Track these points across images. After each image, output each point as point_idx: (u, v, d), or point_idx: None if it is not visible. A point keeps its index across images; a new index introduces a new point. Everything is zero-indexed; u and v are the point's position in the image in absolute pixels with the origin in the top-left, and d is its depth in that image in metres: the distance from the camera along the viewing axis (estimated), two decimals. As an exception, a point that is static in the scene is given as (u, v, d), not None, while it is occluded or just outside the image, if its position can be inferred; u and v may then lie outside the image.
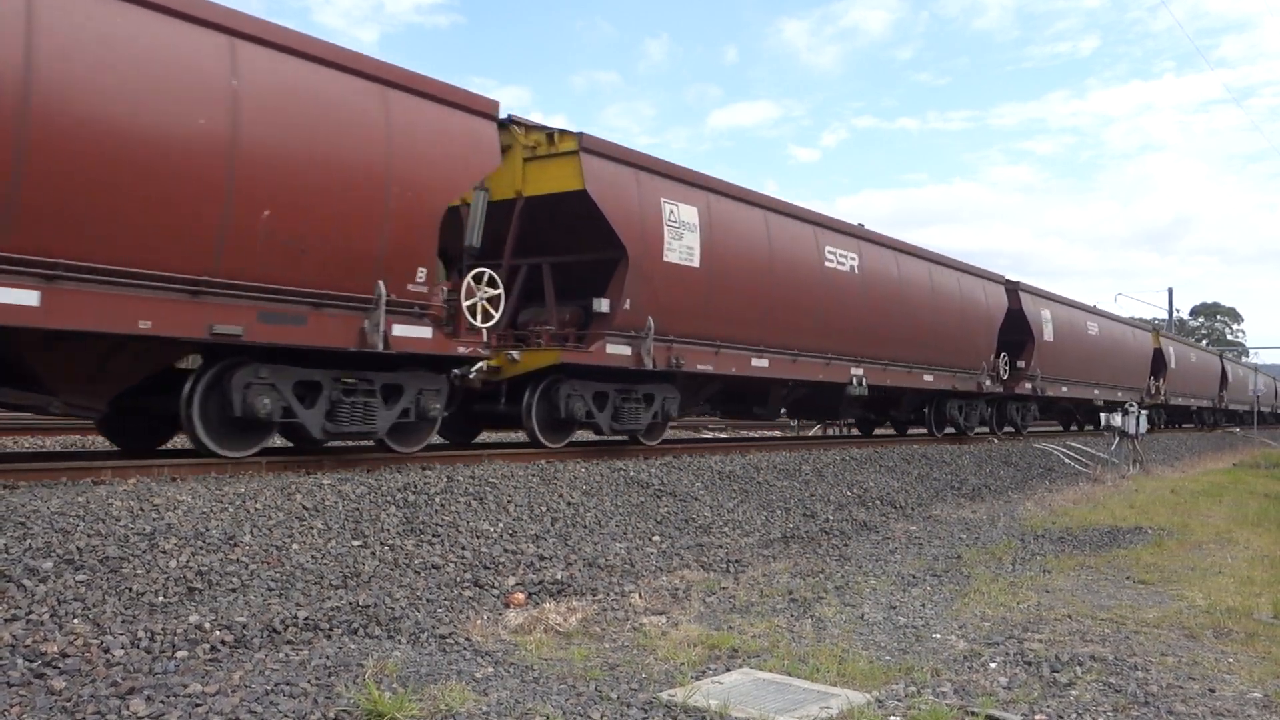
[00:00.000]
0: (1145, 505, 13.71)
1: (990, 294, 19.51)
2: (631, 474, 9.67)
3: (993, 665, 5.24)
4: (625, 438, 11.64)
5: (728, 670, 5.05)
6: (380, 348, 8.05)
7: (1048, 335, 21.35)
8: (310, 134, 7.54)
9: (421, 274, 8.48)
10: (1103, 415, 21.24)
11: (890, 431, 19.88)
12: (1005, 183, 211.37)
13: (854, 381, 14.81)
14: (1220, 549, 9.74)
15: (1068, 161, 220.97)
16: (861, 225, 15.72)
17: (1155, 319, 56.47)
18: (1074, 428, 28.12)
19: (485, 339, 9.17)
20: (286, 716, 4.02)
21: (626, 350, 10.63)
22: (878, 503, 11.88)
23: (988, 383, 18.94)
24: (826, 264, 14.04)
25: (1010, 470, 16.71)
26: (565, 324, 10.83)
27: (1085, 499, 14.62)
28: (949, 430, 18.91)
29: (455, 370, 9.37)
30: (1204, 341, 74.33)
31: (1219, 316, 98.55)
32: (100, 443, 13.07)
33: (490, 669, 4.90)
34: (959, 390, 18.18)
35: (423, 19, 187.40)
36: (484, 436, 14.63)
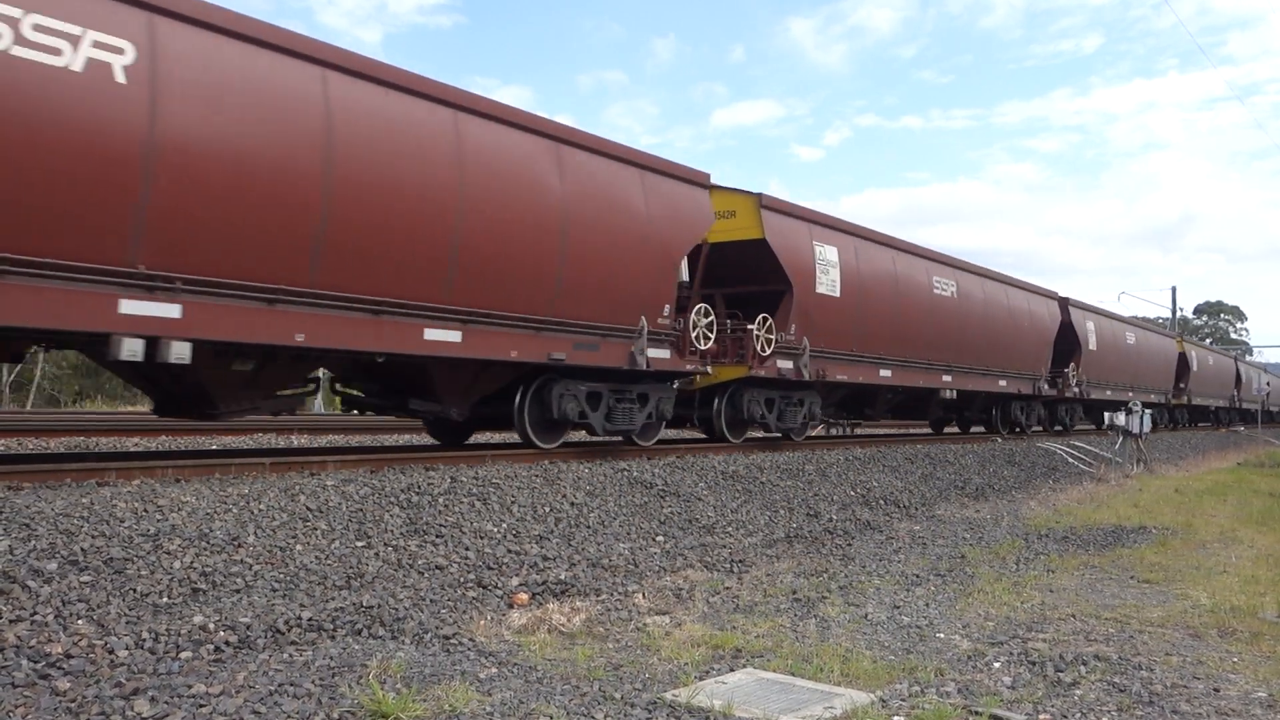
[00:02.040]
0: (1149, 504, 13.69)
1: (1047, 309, 22.32)
2: (635, 474, 9.67)
3: (997, 665, 5.23)
4: (780, 435, 14.35)
5: (731, 670, 5.05)
6: (644, 367, 10.69)
7: (1092, 344, 24.06)
8: (603, 210, 10.22)
9: (666, 309, 11.19)
10: (1106, 414, 21.33)
11: (954, 430, 22.20)
12: (1009, 181, 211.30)
13: (946, 388, 17.70)
14: (1225, 548, 9.72)
15: (1071, 160, 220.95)
16: (958, 259, 18.69)
17: (1159, 318, 56.43)
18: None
19: (701, 357, 11.71)
20: (290, 717, 4.02)
21: (790, 365, 13.26)
22: (881, 502, 11.87)
23: (1045, 387, 21.72)
24: (935, 291, 16.99)
25: (1014, 470, 16.69)
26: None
27: (1089, 498, 14.60)
28: (1014, 429, 21.60)
29: (675, 382, 11.92)
30: (1208, 340, 74.17)
31: (1223, 315, 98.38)
32: (103, 444, 13.10)
33: (494, 669, 4.90)
34: (1021, 394, 20.91)
35: (425, 19, 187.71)
36: (486, 437, 14.65)
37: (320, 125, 7.65)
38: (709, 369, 11.92)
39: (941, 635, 5.91)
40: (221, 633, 4.88)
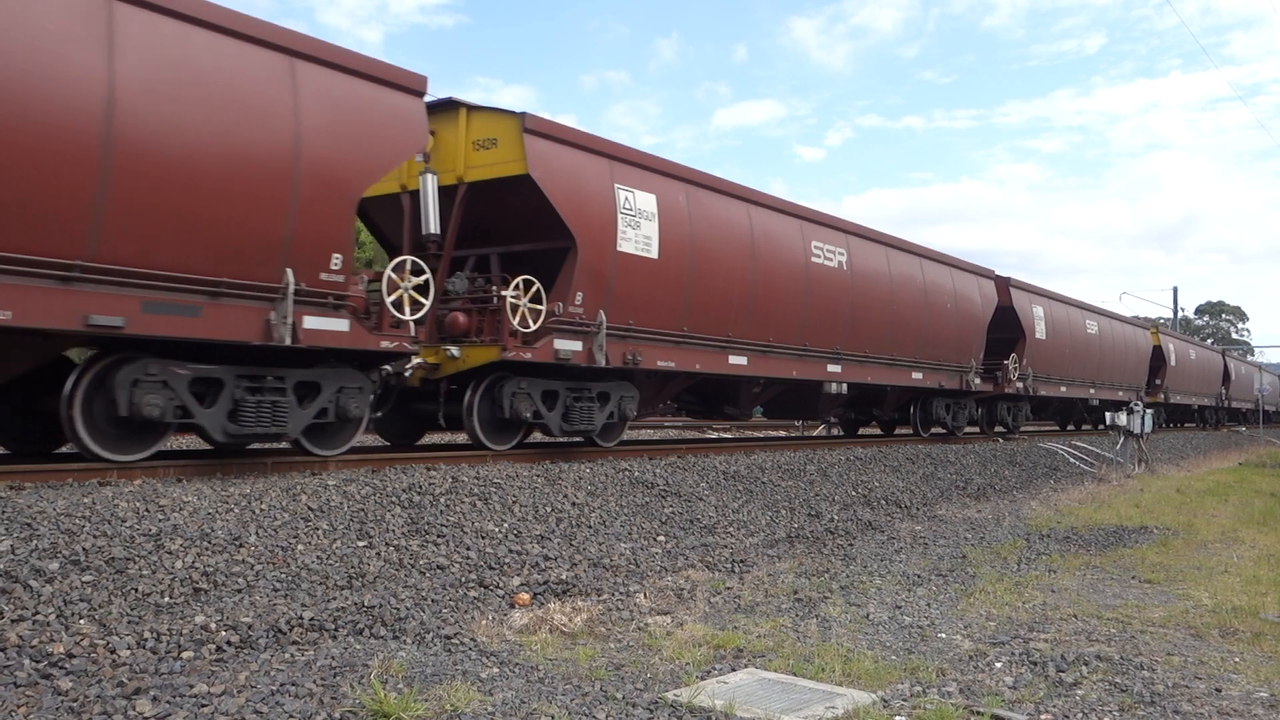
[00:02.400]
0: (1151, 504, 13.69)
1: (981, 289, 18.94)
2: (636, 474, 9.67)
3: (998, 665, 5.23)
4: (580, 439, 10.98)
5: (733, 670, 5.05)
6: (287, 341, 7.47)
7: (1040, 333, 20.84)
8: (210, 107, 6.99)
9: (337, 261, 7.83)
10: (1108, 414, 21.15)
11: (876, 432, 19.57)
12: (1012, 181, 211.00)
13: (833, 380, 14.37)
14: (1226, 548, 9.71)
15: (1074, 160, 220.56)
16: (851, 223, 15.37)
17: (1161, 318, 56.39)
18: (1071, 427, 27.95)
19: (413, 333, 8.57)
20: (292, 717, 4.03)
21: (576, 346, 9.98)
22: (883, 502, 11.86)
23: (976, 381, 18.41)
24: (814, 259, 13.65)
25: (1015, 470, 16.68)
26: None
27: (1091, 498, 14.60)
28: (936, 430, 18.60)
29: (385, 367, 8.85)
30: (1210, 340, 74.15)
31: (1224, 315, 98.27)
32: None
33: (495, 669, 4.90)
34: (945, 388, 17.72)
35: (427, 19, 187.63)
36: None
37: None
38: (414, 347, 8.66)
39: (943, 635, 5.91)
40: (223, 632, 4.88)
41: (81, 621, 4.71)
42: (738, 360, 12.20)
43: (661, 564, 7.69)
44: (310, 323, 7.66)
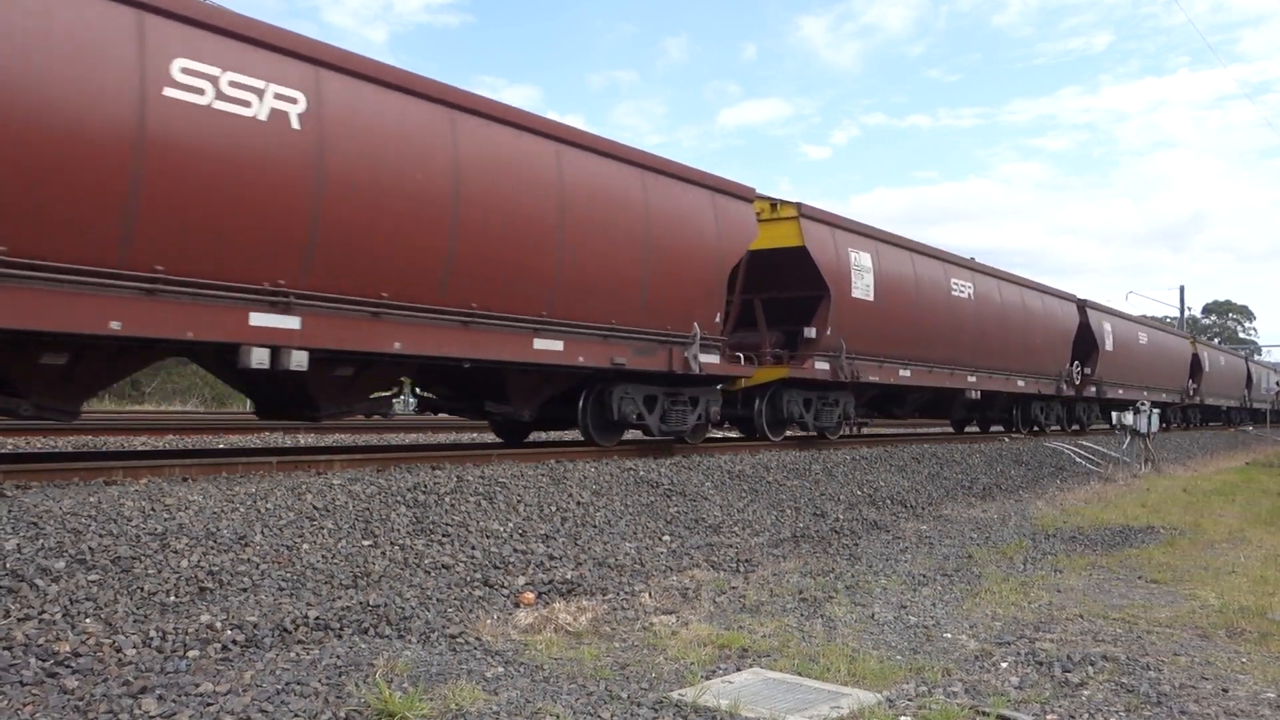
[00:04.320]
0: (1157, 504, 13.65)
1: (1065, 311, 22.77)
2: (641, 474, 9.67)
3: (1004, 665, 5.22)
4: (816, 434, 14.80)
5: (738, 670, 5.05)
6: (698, 371, 11.28)
7: (1109, 345, 24.49)
8: (678, 230, 11.11)
9: (718, 317, 11.80)
10: (1114, 414, 21.26)
11: (975, 430, 22.38)
12: (1018, 180, 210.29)
13: (970, 388, 18.13)
14: (1233, 548, 9.68)
15: (1080, 158, 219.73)
16: (974, 259, 18.89)
17: (1167, 317, 56.25)
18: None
19: (743, 362, 12.37)
20: (298, 716, 4.03)
21: (827, 366, 13.68)
22: (888, 502, 11.85)
23: (1065, 387, 22.14)
24: (952, 293, 17.18)
25: (1021, 469, 16.65)
26: (774, 346, 13.51)
27: (1097, 498, 14.56)
28: (1033, 429, 22.14)
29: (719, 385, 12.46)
30: (1216, 339, 73.95)
31: (1231, 314, 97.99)
32: (111, 443, 13.14)
33: (500, 668, 4.90)
34: (1042, 394, 21.42)
35: (432, 18, 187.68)
36: (484, 437, 14.64)
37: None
38: (751, 370, 12.50)
39: (948, 635, 5.89)
40: (229, 631, 4.89)
41: (87, 620, 4.72)
42: (905, 373, 15.88)
43: (666, 563, 7.68)
44: (704, 358, 11.53)
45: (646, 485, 9.43)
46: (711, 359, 11.56)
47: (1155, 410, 20.74)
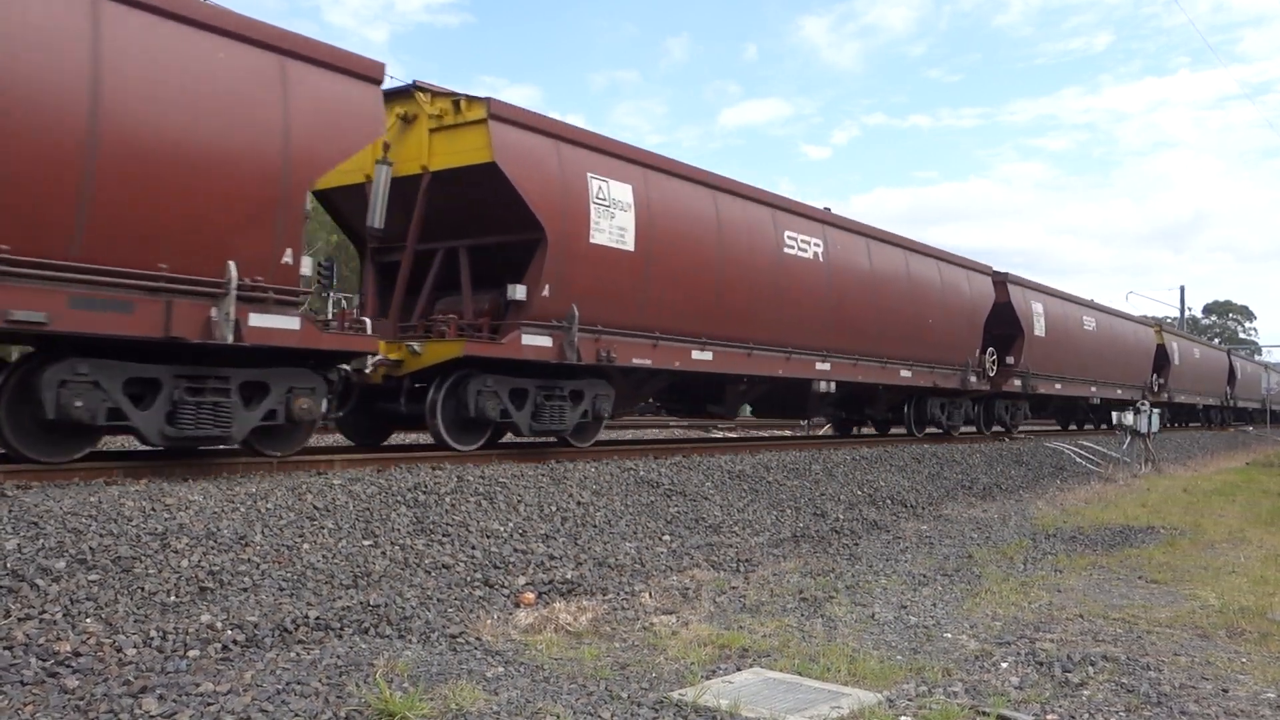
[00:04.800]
0: (1157, 504, 13.65)
1: (975, 285, 18.54)
2: (641, 473, 9.67)
3: (1004, 665, 5.22)
4: (553, 439, 10.74)
5: (738, 670, 5.05)
6: (228, 339, 7.08)
7: (1039, 330, 20.51)
8: (173, 100, 6.78)
9: (287, 256, 7.52)
10: (1114, 414, 21.04)
11: (871, 431, 19.35)
12: (1018, 180, 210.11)
13: (820, 378, 13.92)
14: (1233, 548, 9.68)
15: (1081, 158, 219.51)
16: (828, 209, 14.70)
17: (1168, 317, 56.22)
18: (1073, 427, 27.82)
19: (369, 330, 8.50)
20: (298, 716, 4.03)
21: (547, 341, 9.63)
22: (888, 502, 11.85)
23: (973, 379, 17.97)
24: (786, 249, 13.04)
25: (1021, 469, 16.65)
26: (483, 313, 9.77)
27: (1097, 498, 14.56)
28: (931, 430, 18.24)
29: (344, 366, 8.45)
30: (1216, 340, 73.91)
31: (1231, 315, 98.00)
32: (111, 443, 13.11)
33: (501, 668, 4.90)
34: (940, 387, 17.30)
35: (432, 18, 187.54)
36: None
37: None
38: (374, 349, 8.46)
39: (949, 635, 5.89)
40: (229, 631, 4.89)
41: (88, 620, 4.72)
42: (700, 355, 11.71)
43: (666, 563, 7.68)
44: (259, 320, 7.54)
45: (647, 485, 9.43)
46: (281, 323, 7.40)
47: (1156, 411, 20.63)
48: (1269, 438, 38.96)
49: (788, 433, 22.85)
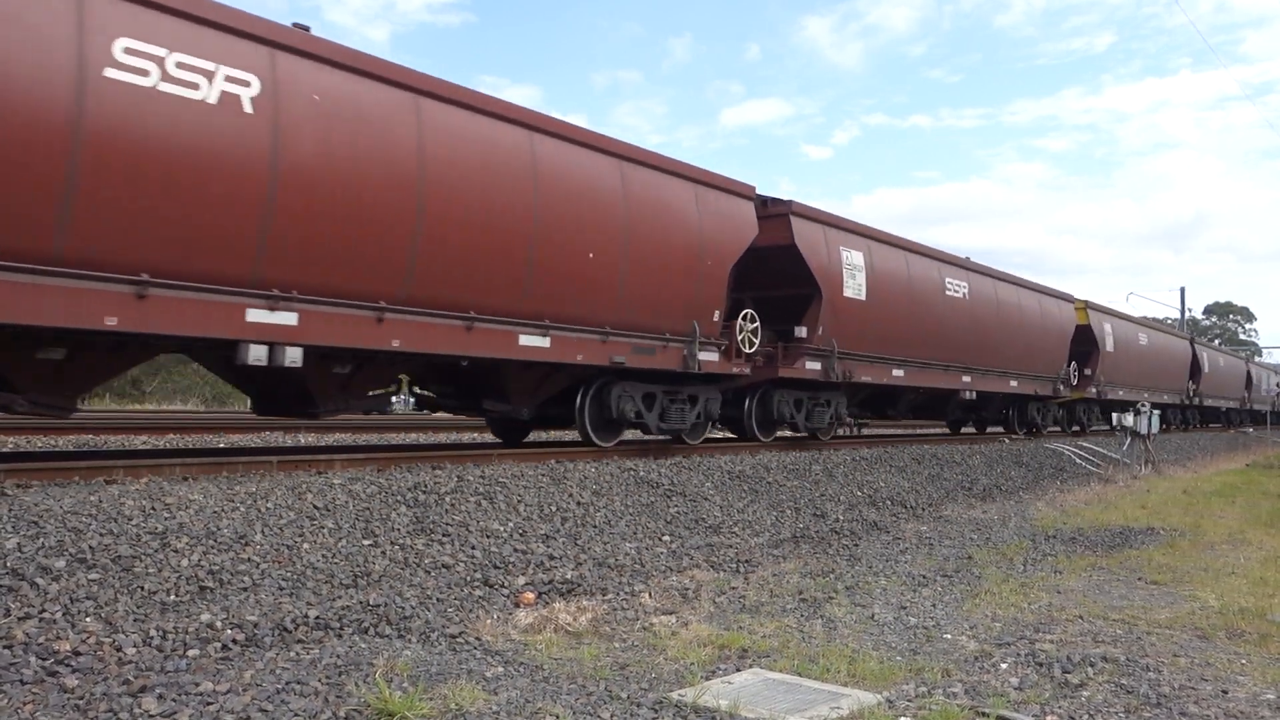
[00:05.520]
0: (1157, 506, 13.65)
1: (1063, 311, 22.62)
2: (641, 474, 9.67)
3: (1004, 666, 5.22)
4: (808, 435, 14.70)
5: (738, 670, 5.05)
6: (696, 369, 11.36)
7: (1109, 346, 24.39)
8: (660, 223, 10.90)
9: (716, 315, 11.73)
10: (1114, 415, 21.22)
11: (971, 431, 22.39)
12: (1019, 180, 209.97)
13: (964, 388, 18.01)
14: (1233, 550, 9.68)
15: (1082, 159, 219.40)
16: (969, 258, 18.71)
17: (1167, 318, 56.25)
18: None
19: (746, 360, 12.32)
20: (298, 715, 4.03)
21: (818, 366, 13.56)
22: (888, 503, 11.85)
23: (1061, 388, 22.04)
24: (946, 292, 17.06)
25: (1021, 470, 16.65)
26: (766, 346, 12.99)
27: (1097, 499, 14.56)
28: (1031, 430, 22.09)
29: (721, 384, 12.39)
30: (1216, 341, 73.94)
31: (1231, 315, 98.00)
32: (111, 442, 13.14)
33: (500, 668, 4.91)
34: (1038, 395, 21.35)
35: (434, 18, 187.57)
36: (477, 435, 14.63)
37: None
38: (748, 370, 12.40)
39: (948, 636, 5.90)
40: (229, 631, 4.89)
41: (87, 619, 4.73)
42: (899, 372, 15.68)
43: (666, 564, 7.68)
44: (704, 356, 11.66)
45: (647, 485, 9.43)
46: (711, 357, 11.64)
47: (1155, 412, 20.70)
48: (1269, 439, 38.98)
49: (787, 433, 22.83)
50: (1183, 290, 54.69)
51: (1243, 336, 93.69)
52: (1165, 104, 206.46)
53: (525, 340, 9.34)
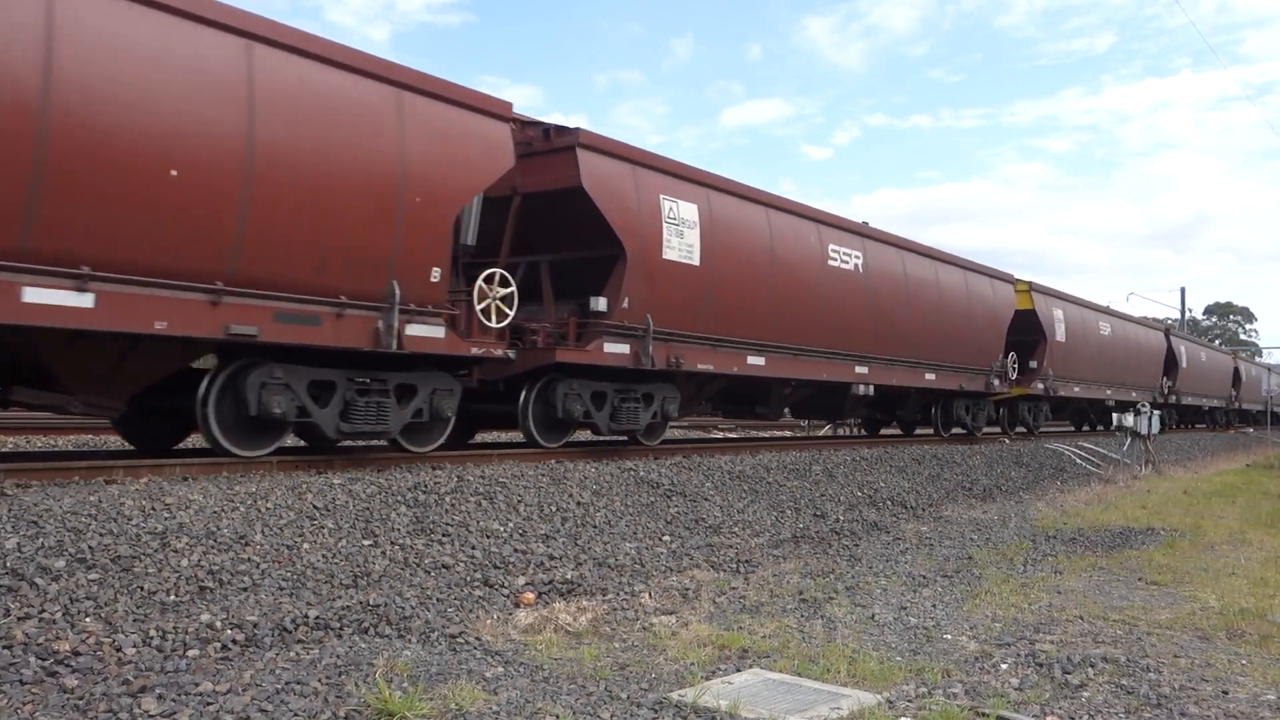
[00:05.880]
0: (1158, 506, 13.65)
1: (999, 293, 19.43)
2: (641, 474, 9.67)
3: (1004, 666, 5.22)
4: (624, 438, 11.63)
5: (738, 670, 5.05)
6: (394, 348, 8.22)
7: (1060, 335, 21.41)
8: (325, 142, 7.61)
9: (435, 274, 8.54)
10: (1114, 415, 21.09)
11: (897, 432, 19.92)
12: (1020, 180, 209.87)
13: (859, 381, 14.83)
14: (1233, 550, 9.68)
15: (1082, 159, 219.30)
16: (866, 223, 15.61)
17: (1168, 319, 56.23)
18: (1086, 428, 28.05)
19: (500, 337, 9.38)
20: (297, 715, 4.03)
21: (625, 349, 10.53)
22: (888, 503, 11.85)
23: (996, 383, 18.91)
24: (830, 262, 13.91)
25: (1021, 471, 16.65)
26: (563, 323, 10.48)
27: (1097, 499, 14.56)
28: (956, 430, 18.89)
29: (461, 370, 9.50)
30: (1217, 341, 73.94)
31: (1232, 316, 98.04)
32: (111, 442, 13.13)
33: (500, 668, 4.90)
34: (966, 390, 18.18)
35: (434, 18, 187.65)
36: (488, 436, 14.65)
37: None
38: (509, 353, 9.40)
39: (948, 636, 5.89)
40: (229, 631, 4.89)
41: (87, 619, 4.72)
42: (756, 360, 12.59)
43: (666, 564, 7.68)
44: (415, 330, 8.58)
45: (647, 485, 9.43)
46: (430, 332, 8.54)
47: (1156, 413, 20.65)
48: (1269, 439, 38.96)
49: (787, 433, 22.87)
50: (1183, 291, 54.69)
51: (1243, 337, 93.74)
52: (1166, 104, 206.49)
53: (33, 297, 6.11)
